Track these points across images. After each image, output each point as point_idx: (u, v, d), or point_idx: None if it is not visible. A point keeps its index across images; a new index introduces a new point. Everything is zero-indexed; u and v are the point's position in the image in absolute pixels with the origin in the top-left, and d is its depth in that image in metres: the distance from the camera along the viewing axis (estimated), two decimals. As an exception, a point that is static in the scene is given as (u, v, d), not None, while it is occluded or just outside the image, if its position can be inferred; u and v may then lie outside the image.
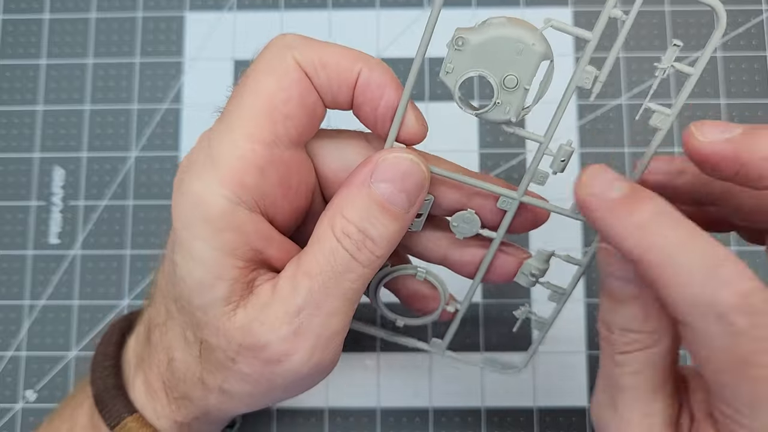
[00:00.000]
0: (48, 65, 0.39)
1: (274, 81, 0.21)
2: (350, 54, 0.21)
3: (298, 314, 0.21)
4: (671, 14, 0.38)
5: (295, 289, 0.21)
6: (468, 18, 0.39)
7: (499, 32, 0.20)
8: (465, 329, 0.36)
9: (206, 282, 0.21)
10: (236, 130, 0.21)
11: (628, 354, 0.21)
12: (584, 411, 0.35)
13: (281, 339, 0.21)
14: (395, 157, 0.22)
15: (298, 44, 0.21)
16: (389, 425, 0.35)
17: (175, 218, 0.22)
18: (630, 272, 0.21)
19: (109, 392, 0.24)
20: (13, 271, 0.37)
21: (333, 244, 0.21)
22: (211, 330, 0.22)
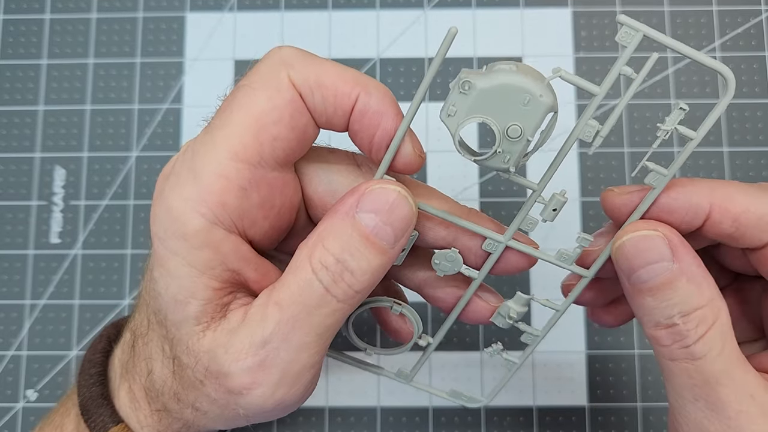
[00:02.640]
0: (49, 65, 0.39)
1: (265, 99, 0.20)
2: (348, 76, 0.20)
3: (263, 346, 0.20)
4: (671, 14, 0.38)
5: (264, 320, 0.20)
6: (468, 18, 0.39)
7: (508, 80, 0.19)
8: (465, 328, 0.36)
9: (180, 299, 0.21)
10: (221, 147, 0.20)
11: (706, 336, 0.20)
12: (584, 411, 0.35)
13: (243, 370, 0.20)
14: (382, 188, 0.20)
15: (295, 61, 0.20)
16: (389, 425, 0.35)
17: (153, 231, 0.21)
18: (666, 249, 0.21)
19: (95, 401, 0.24)
20: (14, 271, 0.37)
21: (308, 276, 0.20)
22: (182, 348, 0.22)
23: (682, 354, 0.21)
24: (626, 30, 0.18)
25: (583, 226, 0.37)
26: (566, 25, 0.39)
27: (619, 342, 0.36)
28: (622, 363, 0.36)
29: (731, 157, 0.37)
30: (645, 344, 0.36)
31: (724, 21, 0.38)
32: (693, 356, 0.21)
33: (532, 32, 0.39)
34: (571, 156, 0.37)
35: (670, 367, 0.21)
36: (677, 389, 0.22)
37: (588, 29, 0.39)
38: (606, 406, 0.35)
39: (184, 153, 0.21)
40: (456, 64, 0.38)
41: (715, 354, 0.20)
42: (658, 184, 0.21)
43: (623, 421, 0.35)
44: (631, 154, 0.37)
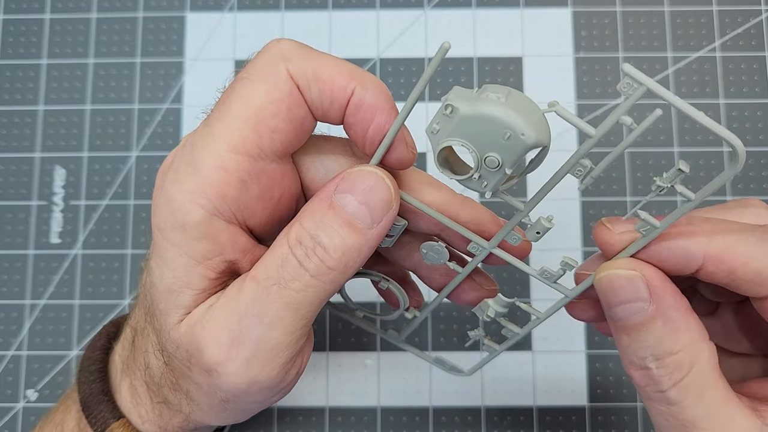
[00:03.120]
0: (49, 65, 0.39)
1: (263, 92, 0.20)
2: (345, 70, 0.20)
3: (238, 321, 0.20)
4: (671, 14, 0.38)
5: (240, 294, 0.21)
6: (468, 18, 0.39)
7: (491, 112, 0.18)
8: (464, 329, 0.36)
9: (174, 288, 0.21)
10: (220, 139, 0.20)
11: (681, 383, 0.20)
12: (584, 410, 0.35)
13: (218, 345, 0.21)
14: (360, 170, 0.21)
15: (293, 54, 0.20)
16: (389, 425, 0.35)
17: (153, 223, 0.21)
18: (643, 290, 0.20)
19: (96, 397, 0.24)
20: (14, 271, 0.37)
21: (284, 251, 0.21)
22: (165, 336, 0.22)
23: (657, 397, 0.20)
24: (629, 81, 0.17)
25: (583, 226, 0.37)
26: (566, 25, 0.39)
27: (619, 342, 0.36)
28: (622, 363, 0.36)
29: (731, 157, 0.37)
30: (645, 344, 0.36)
31: (724, 21, 0.38)
32: (669, 402, 0.20)
33: (532, 32, 0.39)
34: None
35: (647, 406, 0.21)
36: (657, 427, 0.21)
37: (588, 29, 0.39)
38: (606, 406, 0.35)
39: (183, 146, 0.21)
40: (456, 64, 0.38)
41: (691, 401, 0.20)
42: (648, 234, 0.20)
43: (623, 421, 0.35)
44: (630, 155, 0.37)
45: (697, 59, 0.38)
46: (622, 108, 0.18)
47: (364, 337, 0.36)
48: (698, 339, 0.20)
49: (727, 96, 0.38)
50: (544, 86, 0.38)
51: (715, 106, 0.38)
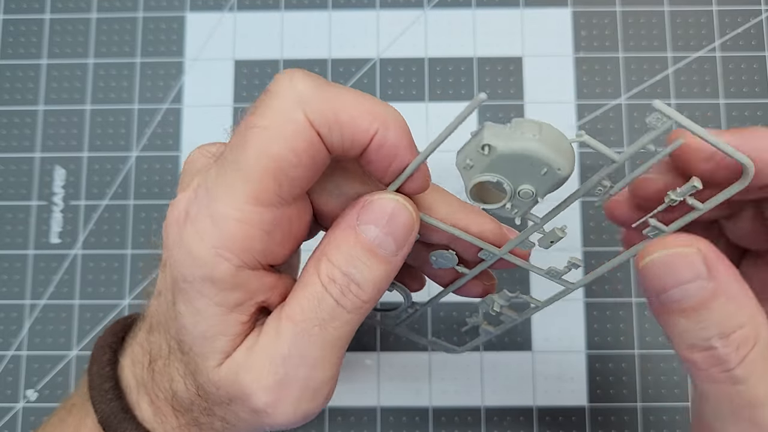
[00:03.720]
0: (49, 65, 0.39)
1: (283, 142, 0.19)
2: (367, 110, 0.19)
3: (282, 363, 0.21)
4: (671, 14, 0.38)
5: (279, 336, 0.21)
6: (468, 18, 0.39)
7: (529, 150, 0.18)
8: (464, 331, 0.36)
9: (209, 335, 0.21)
10: (240, 191, 0.19)
11: (747, 358, 0.19)
12: (584, 411, 0.35)
13: (265, 389, 0.21)
14: (381, 198, 0.21)
15: (311, 97, 0.19)
16: (389, 425, 0.35)
17: (175, 270, 0.21)
18: (701, 267, 0.19)
19: (117, 416, 0.24)
20: (14, 271, 0.37)
21: (318, 289, 0.21)
22: (203, 377, 0.22)
23: (723, 378, 0.19)
24: (658, 116, 0.18)
25: (582, 226, 0.37)
26: (566, 25, 0.39)
27: (619, 342, 0.36)
28: (622, 363, 0.36)
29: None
30: (645, 344, 0.36)
31: (724, 21, 0.38)
32: (735, 381, 0.19)
33: (532, 32, 0.39)
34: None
35: (707, 390, 0.20)
36: (716, 411, 0.20)
37: (588, 29, 0.39)
38: (606, 406, 0.35)
39: (197, 194, 0.21)
40: (456, 64, 0.38)
41: (758, 376, 0.19)
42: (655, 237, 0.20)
43: (623, 421, 0.35)
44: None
45: (697, 59, 0.38)
46: (648, 137, 0.18)
47: (364, 337, 0.36)
48: (758, 310, 0.19)
49: (727, 96, 0.38)
50: (544, 86, 0.38)
51: (715, 106, 0.38)
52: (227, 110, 0.38)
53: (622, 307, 0.36)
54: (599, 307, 0.36)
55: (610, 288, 0.36)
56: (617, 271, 0.36)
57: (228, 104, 0.39)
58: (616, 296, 0.36)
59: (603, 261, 0.37)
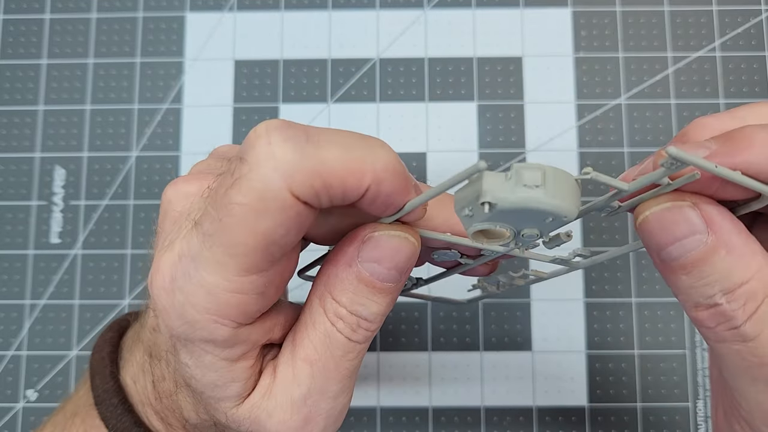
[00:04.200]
0: (49, 65, 0.39)
1: (270, 221, 0.18)
2: (357, 167, 0.18)
3: (304, 402, 0.21)
4: (671, 14, 0.38)
5: (297, 377, 0.21)
6: (468, 18, 0.39)
7: (532, 202, 0.17)
8: (464, 329, 0.36)
9: (220, 383, 0.21)
10: (229, 265, 0.18)
11: (757, 313, 0.18)
12: (584, 411, 0.35)
13: (292, 430, 0.21)
14: (381, 235, 0.20)
15: (294, 169, 0.17)
16: (389, 425, 0.35)
17: (176, 335, 0.20)
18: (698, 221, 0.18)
19: (131, 430, 0.24)
20: (14, 271, 0.37)
21: (328, 327, 0.21)
22: (221, 415, 0.22)
23: (731, 336, 0.18)
24: (672, 161, 0.17)
25: (582, 226, 0.37)
26: (566, 25, 0.39)
27: (619, 342, 0.36)
28: (622, 363, 0.36)
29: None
30: (645, 344, 0.36)
31: (724, 21, 0.38)
32: (744, 338, 0.18)
33: (532, 32, 0.39)
34: (571, 156, 0.37)
35: (719, 349, 0.19)
36: (732, 371, 0.19)
37: (588, 29, 0.39)
38: (606, 406, 0.35)
39: (181, 262, 0.19)
40: (456, 64, 0.38)
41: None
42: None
43: (623, 421, 0.35)
44: (630, 154, 0.37)
45: (697, 59, 0.38)
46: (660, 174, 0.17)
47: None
48: (766, 263, 0.18)
49: (727, 96, 0.38)
50: (544, 86, 0.38)
51: (715, 106, 0.38)
52: (227, 110, 0.38)
53: (622, 307, 0.36)
54: (599, 307, 0.36)
55: (610, 288, 0.36)
56: (617, 271, 0.36)
57: (228, 104, 0.39)
58: (616, 296, 0.36)
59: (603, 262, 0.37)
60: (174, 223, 0.22)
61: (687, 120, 0.37)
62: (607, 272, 0.36)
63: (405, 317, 0.36)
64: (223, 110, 0.38)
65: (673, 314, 0.36)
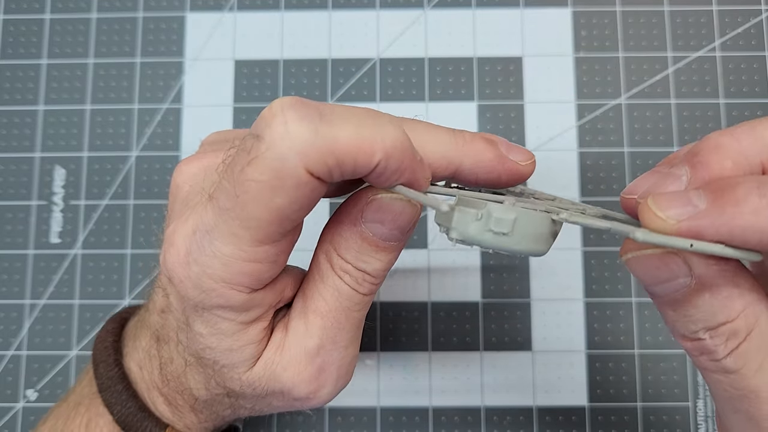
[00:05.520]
0: (49, 65, 0.39)
1: (285, 197, 0.18)
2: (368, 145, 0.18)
3: (318, 353, 0.22)
4: (671, 14, 0.38)
5: (309, 330, 0.22)
6: (468, 18, 0.39)
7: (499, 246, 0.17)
8: (464, 329, 0.36)
9: (236, 347, 0.22)
10: (244, 237, 0.19)
11: (738, 349, 0.18)
12: (584, 411, 0.35)
13: (307, 381, 0.22)
14: (384, 198, 0.20)
15: (310, 148, 0.18)
16: (389, 425, 0.35)
17: (188, 300, 0.21)
18: (680, 266, 0.18)
19: (136, 416, 0.25)
20: (14, 271, 0.37)
21: (336, 282, 0.22)
22: (236, 383, 0.23)
23: (713, 367, 0.19)
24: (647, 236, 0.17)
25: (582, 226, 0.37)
26: (566, 25, 0.39)
27: (619, 342, 0.36)
28: (622, 363, 0.36)
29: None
30: (645, 344, 0.36)
31: (724, 21, 0.38)
32: (726, 370, 0.18)
33: (532, 32, 0.39)
34: (571, 156, 0.37)
35: (704, 375, 0.20)
36: (715, 398, 0.20)
37: (588, 29, 0.39)
38: (606, 406, 0.35)
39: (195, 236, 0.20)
40: (456, 64, 0.38)
41: (753, 368, 0.18)
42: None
43: (623, 421, 0.35)
44: (630, 154, 0.37)
45: (697, 59, 0.38)
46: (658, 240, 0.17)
47: (365, 338, 0.36)
48: (754, 301, 0.18)
49: (727, 96, 0.38)
50: (544, 86, 0.38)
51: (715, 106, 0.38)
52: (227, 110, 0.38)
53: (622, 307, 0.36)
54: (599, 307, 0.36)
55: (610, 288, 0.36)
56: (617, 271, 0.36)
57: (228, 104, 0.39)
58: (616, 296, 0.36)
59: (604, 261, 0.37)
60: (184, 202, 0.23)
61: (687, 120, 0.37)
62: (607, 272, 0.36)
63: (405, 317, 0.36)
64: (223, 110, 0.38)
65: (673, 314, 0.36)
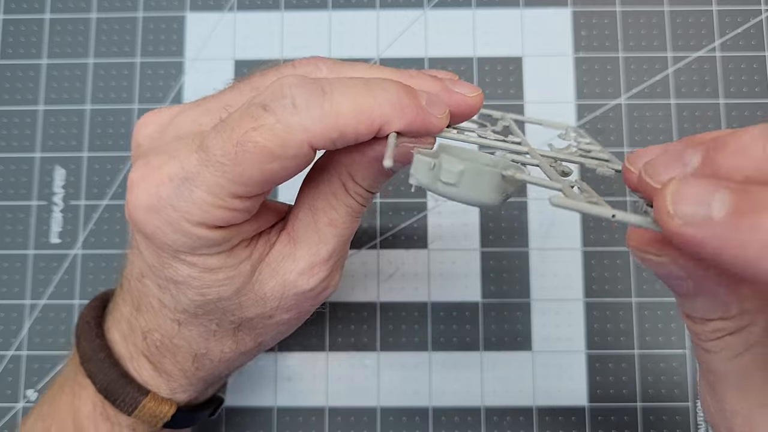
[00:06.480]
0: (49, 65, 0.39)
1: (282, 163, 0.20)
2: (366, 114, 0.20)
3: (331, 256, 0.24)
4: (671, 14, 0.38)
5: (323, 238, 0.24)
6: (468, 18, 0.39)
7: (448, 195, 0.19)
8: (464, 329, 0.36)
9: (231, 273, 0.23)
10: (228, 189, 0.20)
11: (718, 340, 0.19)
12: (584, 411, 0.35)
13: (322, 279, 0.24)
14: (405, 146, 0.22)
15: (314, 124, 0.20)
16: (389, 425, 0.35)
17: (165, 244, 0.21)
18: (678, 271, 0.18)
19: (117, 382, 0.25)
20: (14, 271, 0.37)
21: (349, 200, 0.24)
22: (247, 306, 0.24)
23: (696, 341, 0.20)
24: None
25: (582, 226, 0.37)
26: (566, 25, 0.39)
27: (620, 342, 0.36)
28: (622, 363, 0.36)
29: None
30: (645, 344, 0.36)
31: (724, 21, 0.38)
32: (706, 350, 0.20)
33: (532, 32, 0.39)
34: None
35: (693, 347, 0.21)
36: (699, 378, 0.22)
37: (588, 29, 0.39)
38: (606, 406, 0.35)
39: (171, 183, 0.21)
40: (456, 64, 0.38)
41: (728, 354, 0.19)
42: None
43: (623, 421, 0.35)
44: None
45: (697, 59, 0.38)
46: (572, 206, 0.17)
47: (364, 338, 0.36)
48: (753, 309, 0.19)
49: (727, 96, 0.38)
50: (544, 86, 0.38)
51: (715, 106, 0.38)
52: (227, 110, 0.38)
53: (622, 307, 0.36)
54: (599, 307, 0.36)
55: (610, 288, 0.36)
56: (617, 271, 0.36)
57: (228, 104, 0.38)
58: (616, 296, 0.36)
59: (604, 261, 0.37)
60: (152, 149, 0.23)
61: (687, 120, 0.37)
62: (607, 272, 0.36)
63: (405, 317, 0.36)
64: (223, 110, 0.38)
65: (673, 314, 0.36)
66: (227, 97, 0.23)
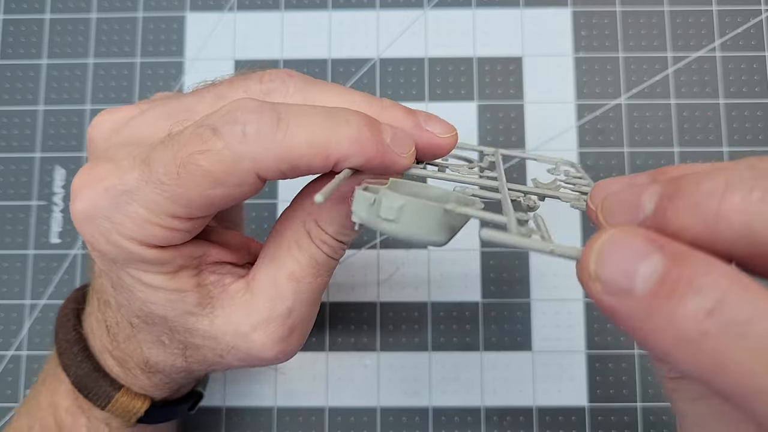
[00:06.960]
0: (49, 65, 0.39)
1: (223, 191, 0.19)
2: (322, 147, 0.19)
3: (289, 315, 0.23)
4: (671, 14, 0.38)
5: (281, 293, 0.22)
6: (468, 18, 0.39)
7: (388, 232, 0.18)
8: (464, 329, 0.36)
9: (172, 298, 0.22)
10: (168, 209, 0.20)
11: (676, 380, 0.19)
12: (584, 411, 0.35)
13: (277, 341, 0.23)
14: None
15: (263, 155, 0.19)
16: (389, 425, 0.35)
17: (104, 253, 0.21)
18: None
19: (90, 376, 0.25)
20: (14, 271, 0.37)
21: (313, 251, 0.22)
22: (195, 334, 0.23)
23: (658, 375, 0.21)
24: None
25: (582, 225, 0.37)
26: (566, 25, 0.39)
27: (619, 342, 0.36)
28: (622, 363, 0.36)
29: (731, 157, 0.37)
30: (645, 344, 0.36)
31: (724, 21, 0.38)
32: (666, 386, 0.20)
33: (532, 32, 0.39)
34: (571, 156, 0.37)
35: None
36: None
37: (588, 29, 0.39)
38: (606, 406, 0.35)
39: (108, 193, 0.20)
40: (456, 64, 0.38)
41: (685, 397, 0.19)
42: None
43: (623, 421, 0.35)
44: (630, 154, 0.37)
45: (697, 59, 0.38)
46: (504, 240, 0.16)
47: (364, 338, 0.36)
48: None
49: (727, 96, 0.38)
50: (544, 86, 0.38)
51: (715, 106, 0.38)
52: (227, 110, 0.38)
53: (622, 307, 0.36)
54: (599, 307, 0.36)
55: (610, 288, 0.36)
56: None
57: (228, 104, 0.38)
58: (616, 296, 0.36)
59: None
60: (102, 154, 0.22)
61: (687, 120, 0.37)
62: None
63: (405, 317, 0.36)
64: (223, 110, 0.38)
65: (673, 314, 0.36)
66: (190, 101, 0.22)
